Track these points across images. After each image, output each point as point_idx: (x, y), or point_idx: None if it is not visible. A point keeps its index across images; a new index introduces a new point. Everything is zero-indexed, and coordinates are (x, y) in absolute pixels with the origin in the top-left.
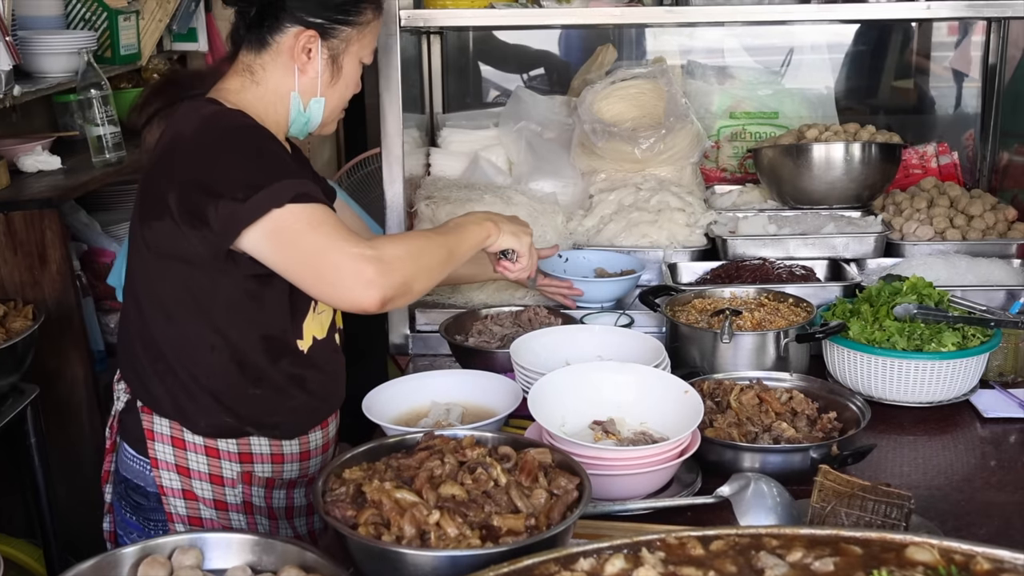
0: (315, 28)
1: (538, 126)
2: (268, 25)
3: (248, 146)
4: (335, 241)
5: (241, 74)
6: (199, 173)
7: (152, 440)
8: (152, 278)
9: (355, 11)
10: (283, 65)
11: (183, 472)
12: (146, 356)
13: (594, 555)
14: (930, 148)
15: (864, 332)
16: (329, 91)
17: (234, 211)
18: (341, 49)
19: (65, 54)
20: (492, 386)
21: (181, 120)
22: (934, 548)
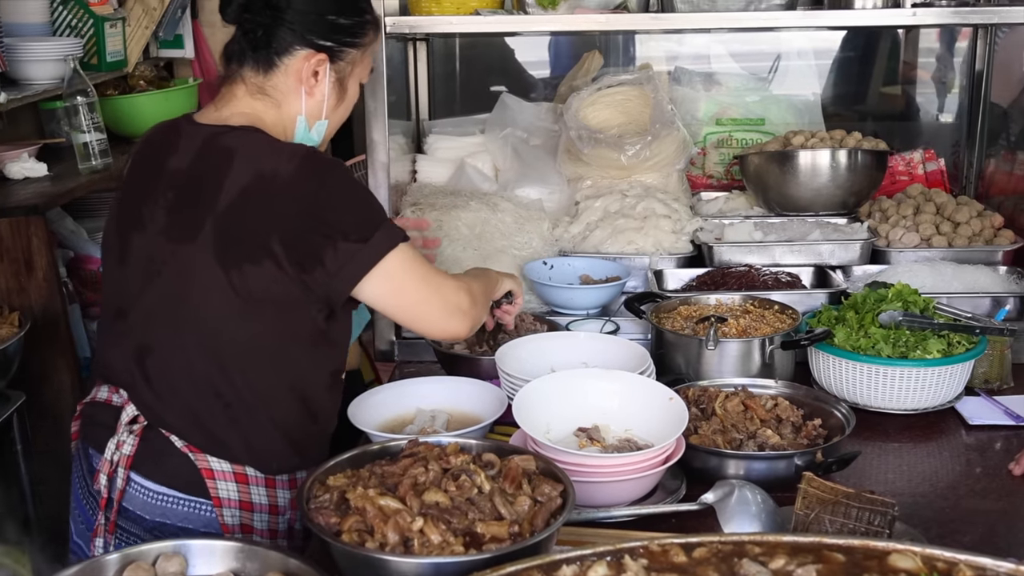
0: (325, 51)
1: (524, 133)
2: (276, 47)
3: (354, 185)
4: (439, 276)
5: (256, 96)
6: (312, 214)
7: (213, 479)
8: (233, 323)
9: (361, 33)
10: (291, 88)
11: (246, 507)
12: (217, 403)
13: (577, 562)
14: (916, 155)
15: (849, 339)
16: (333, 114)
17: (355, 253)
18: (347, 72)
19: (51, 61)
20: (477, 393)
21: (265, 158)
22: (917, 556)
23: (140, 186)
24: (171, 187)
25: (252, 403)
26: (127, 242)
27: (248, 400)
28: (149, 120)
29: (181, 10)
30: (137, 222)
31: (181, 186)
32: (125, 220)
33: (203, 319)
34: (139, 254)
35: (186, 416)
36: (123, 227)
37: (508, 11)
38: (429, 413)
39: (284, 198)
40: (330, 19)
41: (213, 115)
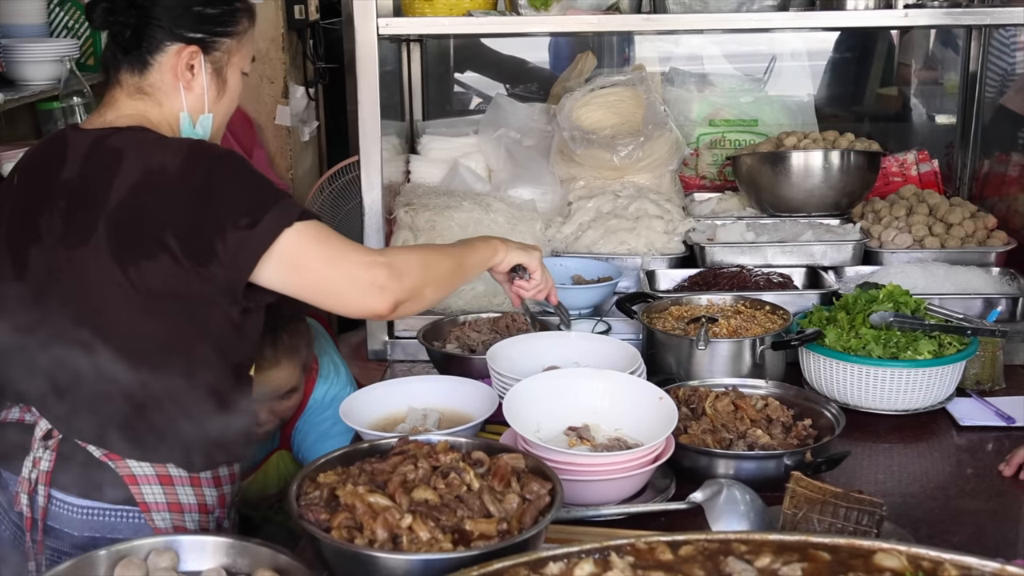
0: (196, 43)
1: (518, 133)
2: (147, 46)
3: (243, 172)
4: (346, 252)
5: (135, 97)
6: (201, 205)
7: (138, 484)
8: (136, 322)
9: (232, 21)
10: (168, 84)
11: (175, 509)
12: (127, 405)
13: (564, 559)
14: (910, 156)
15: (840, 340)
16: (216, 106)
17: (244, 240)
18: (224, 62)
19: (48, 62)
20: (469, 392)
21: (151, 154)
22: (902, 555)
23: (31, 199)
24: (63, 195)
25: (165, 402)
26: (24, 257)
27: (161, 399)
28: None
29: None
30: (33, 235)
31: (72, 193)
32: (19, 235)
33: (106, 322)
34: (37, 267)
35: (101, 423)
36: (17, 242)
37: (501, 12)
38: (421, 412)
39: (173, 191)
40: (196, 10)
41: (98, 121)
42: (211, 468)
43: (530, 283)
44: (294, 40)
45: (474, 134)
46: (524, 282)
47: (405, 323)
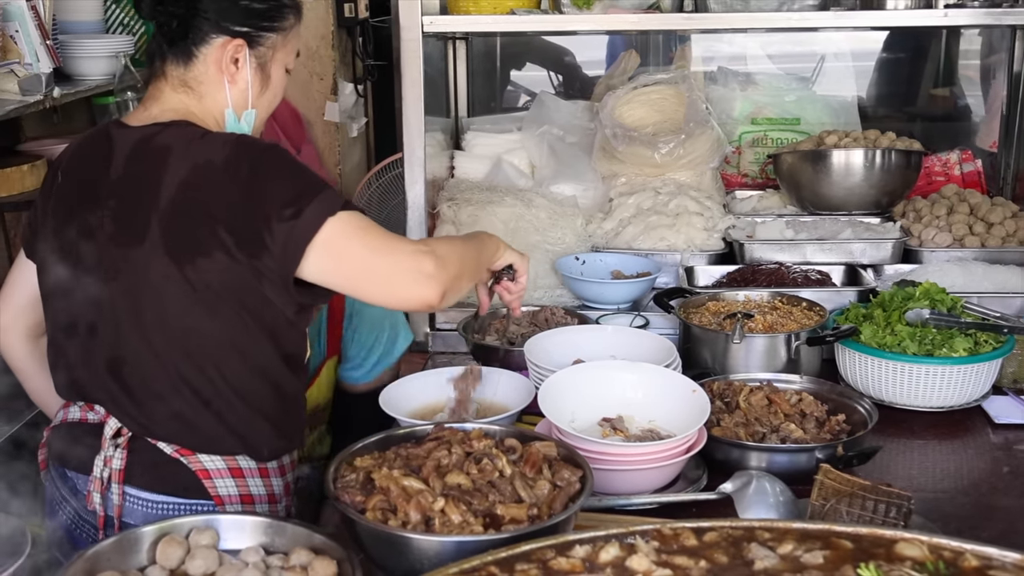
0: (242, 36)
1: (560, 130)
2: (193, 37)
3: (286, 163)
4: (391, 241)
5: (180, 90)
6: (248, 198)
7: (211, 479)
8: (197, 317)
9: (279, 16)
10: (213, 78)
11: (247, 500)
12: (196, 400)
13: (590, 543)
14: (953, 155)
15: (876, 336)
16: (259, 101)
17: (291, 230)
18: (268, 57)
19: (103, 58)
20: (506, 383)
21: (199, 150)
22: (924, 544)
23: (80, 197)
24: (112, 194)
25: (230, 395)
26: (77, 255)
27: (226, 393)
28: None
29: None
30: (86, 232)
31: (122, 191)
32: (70, 233)
33: (167, 320)
34: (93, 264)
35: (172, 420)
36: (69, 240)
37: (544, 11)
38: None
39: (221, 186)
40: (244, 4)
41: (142, 115)
42: (277, 457)
43: (516, 285)
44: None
45: (518, 131)
46: (510, 283)
47: (446, 315)
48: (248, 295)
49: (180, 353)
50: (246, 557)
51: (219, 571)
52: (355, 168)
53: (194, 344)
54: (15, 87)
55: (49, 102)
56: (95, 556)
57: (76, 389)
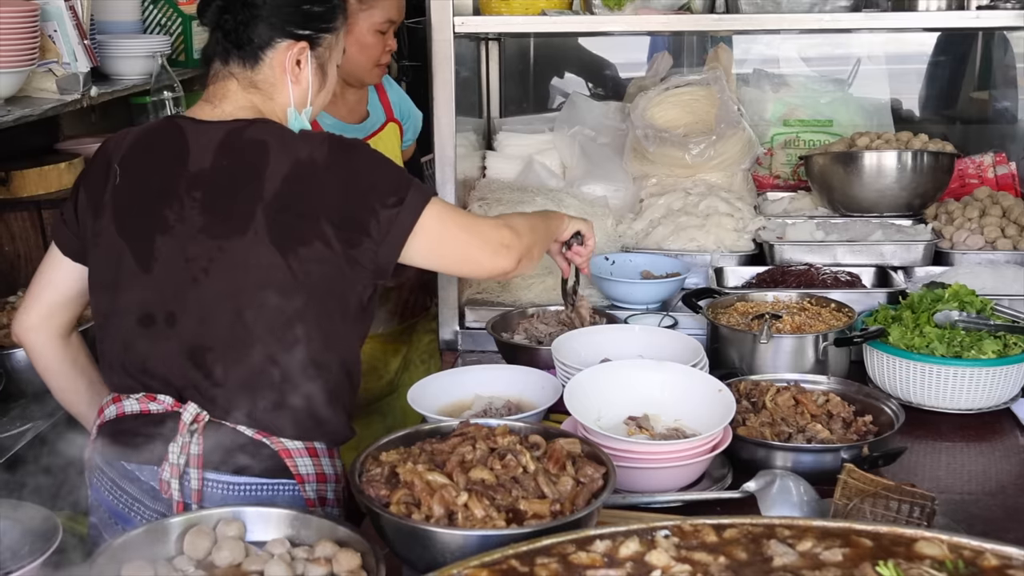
0: (305, 40)
1: (592, 131)
2: (259, 42)
3: (378, 157)
4: (474, 218)
5: (249, 90)
6: (351, 190)
7: (292, 458)
8: (290, 303)
9: (332, 18)
10: (278, 79)
11: (321, 479)
12: (285, 385)
13: (610, 538)
14: (987, 158)
15: (904, 338)
16: (316, 99)
17: (395, 216)
18: (326, 57)
19: (141, 57)
20: (534, 381)
21: (296, 146)
22: (944, 543)
23: (152, 190)
24: (197, 186)
25: (313, 381)
26: (148, 247)
27: (310, 378)
28: None
29: None
30: (160, 225)
31: (212, 183)
32: (140, 225)
33: (266, 306)
34: (171, 256)
35: (256, 404)
36: (138, 233)
37: (575, 11)
38: (487, 399)
39: (325, 180)
40: (304, 8)
41: (212, 112)
42: (345, 441)
43: (584, 249)
44: None
45: (549, 131)
46: (581, 247)
47: (476, 314)
48: (338, 283)
49: (274, 338)
50: (272, 549)
51: (245, 562)
52: None
53: (286, 330)
54: (53, 86)
55: (86, 101)
56: (124, 545)
57: (146, 380)
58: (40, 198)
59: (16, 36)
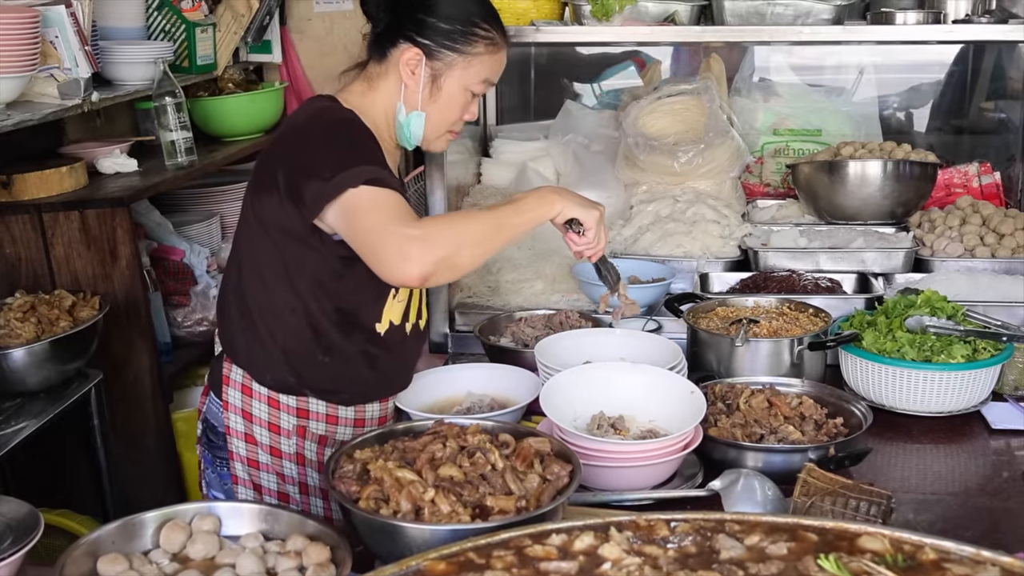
0: (421, 48)
1: (586, 139)
2: (389, 40)
3: (342, 135)
4: (389, 220)
5: (363, 80)
6: (302, 155)
7: (226, 385)
8: (255, 244)
9: (463, 40)
10: (394, 77)
11: (247, 417)
12: (236, 310)
13: (566, 532)
14: (972, 168)
15: (877, 342)
16: (429, 107)
17: (320, 188)
18: (443, 71)
19: (143, 63)
20: (515, 379)
21: (301, 111)
22: (885, 538)
23: None
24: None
25: (257, 315)
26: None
27: (254, 312)
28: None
29: (269, 16)
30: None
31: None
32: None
33: (237, 241)
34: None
35: (221, 322)
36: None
37: (565, 22)
38: (476, 396)
39: (291, 141)
40: (431, 21)
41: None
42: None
43: (580, 239)
44: None
45: (544, 139)
46: (575, 236)
47: (465, 318)
48: (294, 237)
49: (236, 271)
50: (245, 543)
51: (219, 555)
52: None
53: (247, 266)
54: (54, 91)
55: (87, 106)
56: (98, 540)
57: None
58: (41, 201)
59: (17, 42)
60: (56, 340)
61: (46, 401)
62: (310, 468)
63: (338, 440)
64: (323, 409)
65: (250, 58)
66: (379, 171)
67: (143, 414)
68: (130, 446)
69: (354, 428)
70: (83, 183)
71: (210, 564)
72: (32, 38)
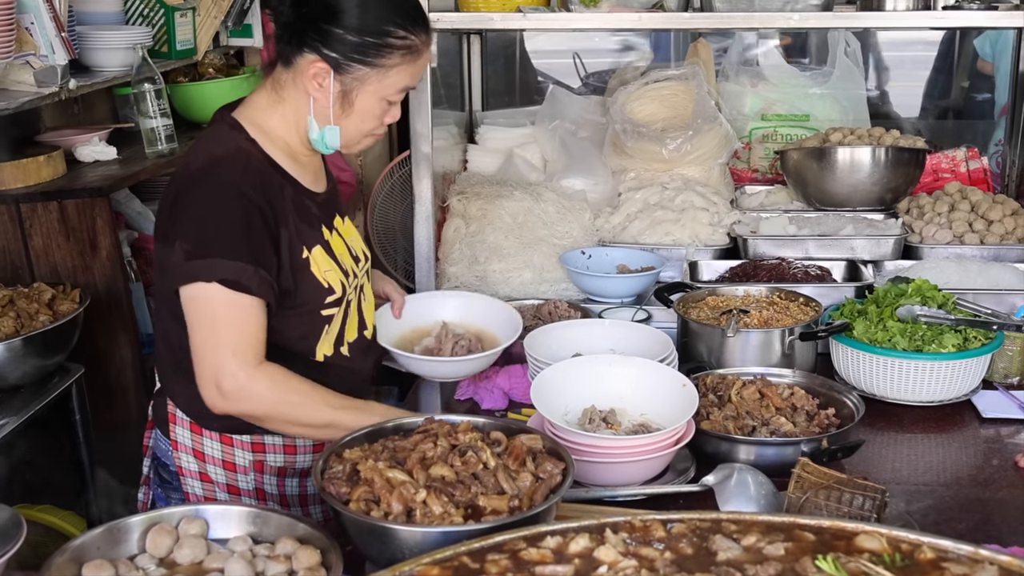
0: (328, 61)
1: (573, 125)
2: (293, 45)
3: (220, 210)
4: (222, 343)
5: (270, 89)
6: (178, 218)
7: (173, 424)
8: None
9: (375, 53)
10: (301, 87)
11: (199, 456)
12: (167, 356)
13: (561, 534)
14: (960, 153)
15: (867, 332)
16: (342, 121)
17: (176, 265)
18: (354, 86)
19: (121, 49)
20: (498, 314)
21: (203, 145)
22: (883, 537)
23: None
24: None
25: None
26: None
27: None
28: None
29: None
30: None
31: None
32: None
33: (156, 287)
34: None
35: (160, 369)
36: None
37: (552, 9)
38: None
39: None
40: (337, 32)
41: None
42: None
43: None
44: None
45: (530, 125)
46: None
47: None
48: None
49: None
50: (233, 546)
51: (207, 560)
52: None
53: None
54: (31, 79)
55: (64, 94)
56: (83, 546)
57: None
58: (18, 191)
59: None
60: (36, 335)
61: (27, 397)
62: (271, 502)
63: (298, 469)
64: (279, 441)
65: (231, 42)
66: (241, 269)
67: (127, 407)
68: (113, 439)
69: (313, 454)
70: (61, 172)
71: (198, 569)
72: (7, 25)
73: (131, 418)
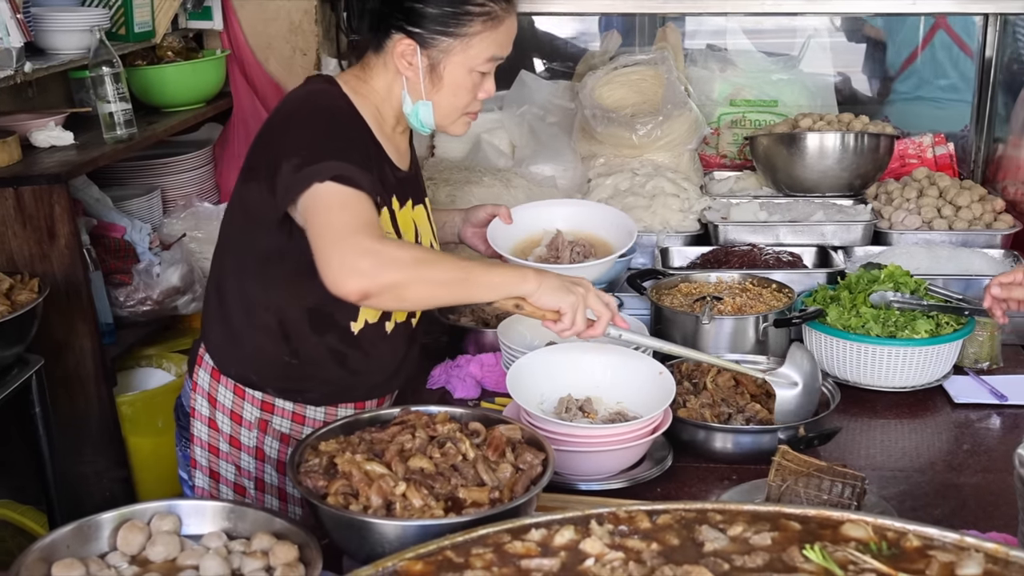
0: (413, 38)
1: (541, 110)
2: (381, 31)
3: (321, 124)
4: (346, 230)
5: (362, 67)
6: (282, 140)
7: (198, 366)
8: (236, 234)
9: (455, 23)
10: (393, 67)
11: (212, 402)
12: (215, 298)
13: (545, 526)
14: (926, 139)
15: (841, 318)
16: (435, 96)
17: (290, 179)
18: (441, 59)
19: (78, 31)
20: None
21: (294, 92)
22: (869, 525)
23: None
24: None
25: (232, 307)
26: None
27: (230, 303)
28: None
29: None
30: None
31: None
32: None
33: (224, 231)
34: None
35: (205, 309)
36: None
37: None
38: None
39: (276, 125)
40: (418, 7)
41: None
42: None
43: (557, 325)
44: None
45: (498, 110)
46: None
47: None
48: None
49: (219, 259)
50: (208, 543)
51: (180, 557)
52: None
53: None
54: None
55: (20, 77)
56: (52, 545)
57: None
58: None
59: None
60: None
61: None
62: (269, 465)
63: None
64: (289, 407)
65: (190, 25)
66: (351, 169)
67: (86, 398)
68: (74, 432)
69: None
70: (17, 158)
71: (171, 566)
72: None
73: (91, 410)
